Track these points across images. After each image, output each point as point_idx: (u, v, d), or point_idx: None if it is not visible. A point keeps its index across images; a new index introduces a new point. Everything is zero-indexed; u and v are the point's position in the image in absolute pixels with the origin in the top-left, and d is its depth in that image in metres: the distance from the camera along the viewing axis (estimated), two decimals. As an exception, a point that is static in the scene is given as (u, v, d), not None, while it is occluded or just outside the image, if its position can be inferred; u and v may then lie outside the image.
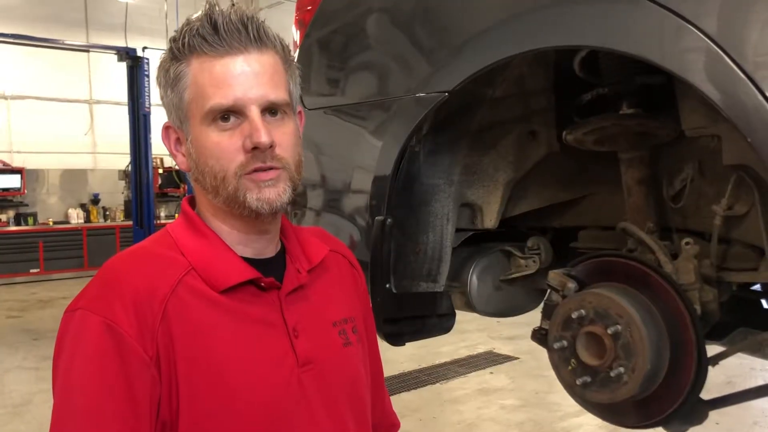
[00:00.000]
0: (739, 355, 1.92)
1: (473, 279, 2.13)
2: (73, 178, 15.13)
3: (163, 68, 1.24)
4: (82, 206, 15.07)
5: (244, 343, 1.20)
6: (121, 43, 11.95)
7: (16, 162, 14.29)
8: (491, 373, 6.78)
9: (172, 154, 1.30)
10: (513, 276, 2.19)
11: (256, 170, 1.19)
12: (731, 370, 5.80)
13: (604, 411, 1.70)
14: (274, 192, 1.20)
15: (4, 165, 14.05)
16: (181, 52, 1.21)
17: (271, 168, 1.19)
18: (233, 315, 1.20)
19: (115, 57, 10.91)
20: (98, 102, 15.38)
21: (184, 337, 1.15)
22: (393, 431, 1.58)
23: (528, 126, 2.07)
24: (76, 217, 14.79)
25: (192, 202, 1.32)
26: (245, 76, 1.18)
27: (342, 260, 1.46)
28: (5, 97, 14.45)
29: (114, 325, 1.11)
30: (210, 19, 1.19)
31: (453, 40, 1.83)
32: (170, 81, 1.23)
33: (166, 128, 1.29)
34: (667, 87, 1.73)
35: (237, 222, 1.25)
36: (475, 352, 7.52)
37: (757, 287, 2.17)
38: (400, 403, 5.90)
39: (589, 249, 2.01)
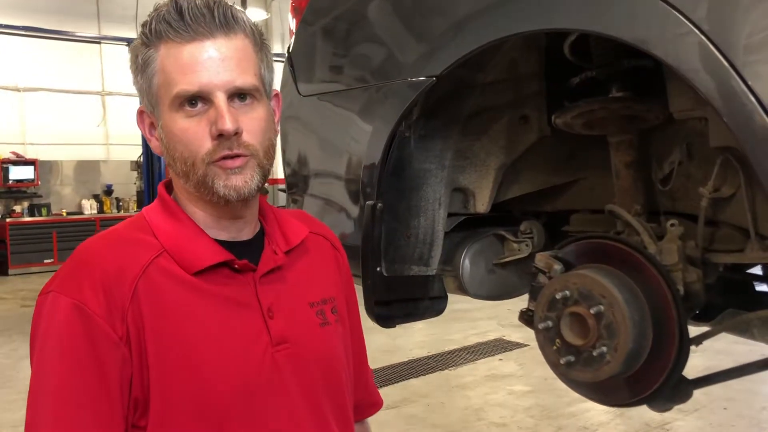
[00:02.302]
0: (748, 341, 1.94)
1: (465, 262, 2.15)
2: (86, 169, 15.23)
3: (133, 54, 1.25)
4: (96, 197, 15.18)
5: (217, 323, 1.21)
6: (132, 35, 11.99)
7: (30, 154, 14.40)
8: (500, 359, 6.80)
9: (146, 138, 1.30)
10: (506, 260, 2.21)
11: (223, 158, 1.19)
12: (742, 356, 5.79)
13: (589, 390, 1.73)
14: (240, 179, 1.20)
15: (17, 157, 14.16)
16: (149, 38, 1.21)
17: (237, 155, 1.19)
18: (206, 296, 1.21)
19: (127, 48, 10.98)
20: (110, 93, 15.45)
21: (155, 317, 1.16)
22: (375, 409, 1.60)
23: (519, 111, 2.08)
24: (90, 207, 14.91)
25: (169, 187, 1.33)
26: (211, 61, 1.18)
27: (323, 242, 1.47)
28: (18, 89, 14.55)
29: (83, 306, 1.13)
30: (176, 5, 1.19)
31: (440, 25, 1.85)
32: (140, 66, 1.23)
33: (140, 113, 1.30)
34: (656, 70, 1.74)
35: (209, 207, 1.26)
36: (485, 339, 7.53)
37: (757, 270, 2.19)
38: (408, 388, 5.94)
39: (580, 232, 2.03)
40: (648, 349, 1.58)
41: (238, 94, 1.20)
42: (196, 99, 1.19)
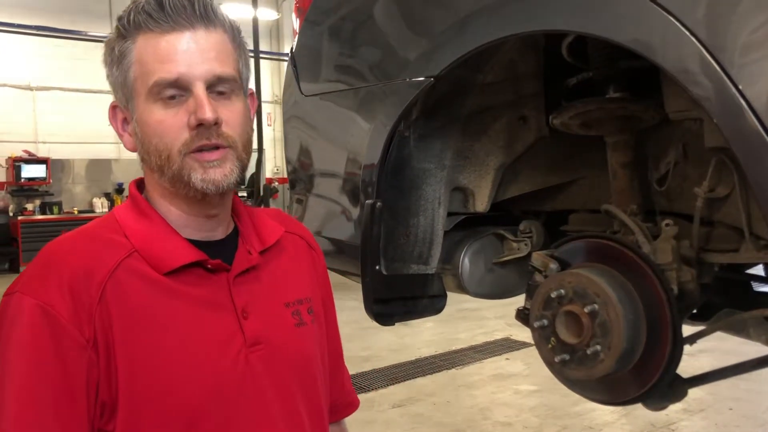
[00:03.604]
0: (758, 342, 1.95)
1: (465, 261, 2.16)
2: (97, 167, 15.32)
3: (109, 47, 1.23)
4: (107, 195, 15.27)
5: (189, 324, 1.18)
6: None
7: (42, 152, 14.50)
8: (507, 359, 6.80)
9: (118, 135, 1.27)
10: (505, 258, 2.22)
11: (201, 149, 1.16)
12: (750, 357, 5.76)
13: (583, 388, 1.74)
14: (220, 173, 1.18)
15: (29, 155, 14.26)
16: (126, 29, 1.19)
17: (216, 147, 1.17)
18: (177, 297, 1.18)
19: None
20: (122, 92, 15.52)
21: (124, 319, 1.13)
22: (351, 409, 1.57)
23: (518, 111, 2.09)
24: (101, 206, 15.00)
25: (140, 186, 1.30)
26: (191, 51, 1.16)
27: (299, 241, 1.45)
28: (30, 88, 14.64)
29: (48, 307, 1.10)
30: None
31: (439, 26, 1.87)
32: (115, 59, 1.21)
33: (113, 108, 1.27)
34: (653, 71, 1.75)
35: (183, 203, 1.23)
36: (492, 339, 7.53)
37: (759, 271, 2.19)
38: (414, 387, 5.95)
39: (578, 232, 2.04)
40: (642, 347, 1.59)
41: (217, 88, 1.19)
42: (174, 89, 1.16)
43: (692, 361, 5.17)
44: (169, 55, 1.16)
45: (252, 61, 11.47)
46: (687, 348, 1.74)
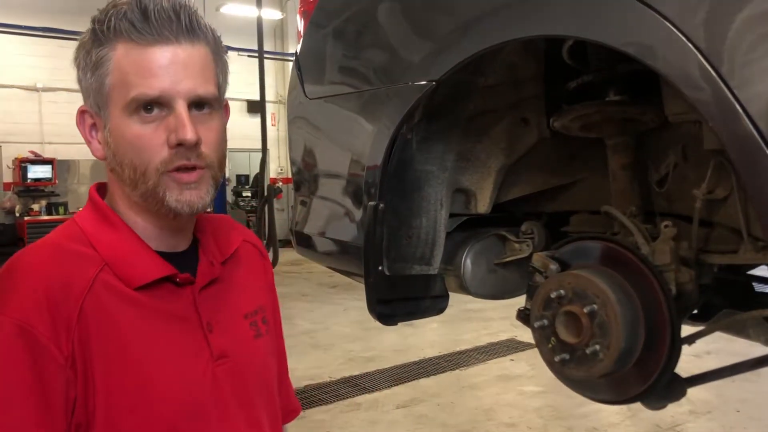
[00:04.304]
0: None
1: (467, 262, 2.18)
2: (103, 168, 15.15)
3: (84, 49, 1.19)
4: (112, 196, 15.30)
5: (160, 340, 1.18)
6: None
7: (48, 153, 14.56)
8: (512, 360, 6.83)
9: (86, 141, 1.24)
10: (507, 259, 2.24)
11: (178, 169, 1.15)
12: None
13: (583, 387, 1.76)
14: (196, 195, 1.17)
15: (35, 156, 14.32)
16: (105, 35, 1.14)
17: (194, 167, 1.16)
18: (149, 312, 1.18)
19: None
20: (127, 93, 15.55)
21: (101, 336, 1.11)
22: (294, 415, 1.59)
23: (519, 113, 2.11)
24: (106, 206, 15.04)
25: (101, 191, 1.27)
26: (174, 67, 1.13)
27: (252, 250, 1.46)
28: (36, 90, 14.71)
29: (26, 326, 1.06)
30: (139, 4, 1.13)
31: (439, 31, 1.88)
32: (90, 64, 1.17)
33: (82, 113, 1.24)
34: (653, 74, 1.76)
35: (152, 217, 1.21)
36: (497, 340, 7.56)
37: (762, 271, 2.20)
38: (418, 388, 5.97)
39: (579, 233, 2.06)
40: (640, 347, 1.61)
41: (196, 104, 1.16)
42: (153, 104, 1.14)
43: (698, 362, 5.18)
44: (152, 70, 1.13)
45: (255, 62, 11.48)
46: (692, 349, 1.75)
